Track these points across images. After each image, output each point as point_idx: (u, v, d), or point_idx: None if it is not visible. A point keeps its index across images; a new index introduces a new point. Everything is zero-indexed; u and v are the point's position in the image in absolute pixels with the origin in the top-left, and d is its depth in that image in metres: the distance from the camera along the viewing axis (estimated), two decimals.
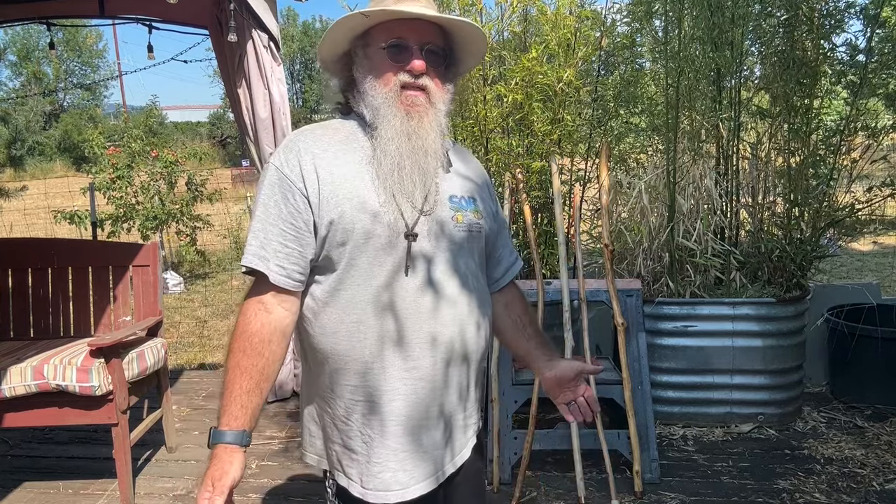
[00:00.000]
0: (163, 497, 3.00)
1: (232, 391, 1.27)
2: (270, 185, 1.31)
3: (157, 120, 27.27)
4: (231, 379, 1.27)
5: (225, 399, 1.27)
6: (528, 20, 3.89)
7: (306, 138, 1.33)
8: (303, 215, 1.29)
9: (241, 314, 1.31)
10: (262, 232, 1.30)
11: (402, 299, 1.29)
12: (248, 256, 1.30)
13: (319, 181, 1.28)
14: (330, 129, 1.36)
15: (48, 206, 9.32)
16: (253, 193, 3.83)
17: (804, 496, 2.82)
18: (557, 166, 3.28)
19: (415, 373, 1.30)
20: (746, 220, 3.93)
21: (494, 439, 2.96)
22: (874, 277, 6.51)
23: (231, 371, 1.28)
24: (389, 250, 1.29)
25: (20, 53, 33.91)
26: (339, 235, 1.27)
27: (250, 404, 1.27)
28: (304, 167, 1.29)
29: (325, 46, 1.38)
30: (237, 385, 1.27)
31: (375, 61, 1.33)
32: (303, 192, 1.28)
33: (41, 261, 3.48)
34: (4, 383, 2.77)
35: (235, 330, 1.30)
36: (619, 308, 2.96)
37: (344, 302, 1.30)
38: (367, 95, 1.33)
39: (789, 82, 3.60)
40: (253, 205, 1.36)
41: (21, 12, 3.96)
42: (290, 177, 1.29)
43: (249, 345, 1.28)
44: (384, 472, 1.31)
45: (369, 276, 1.28)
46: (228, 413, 1.26)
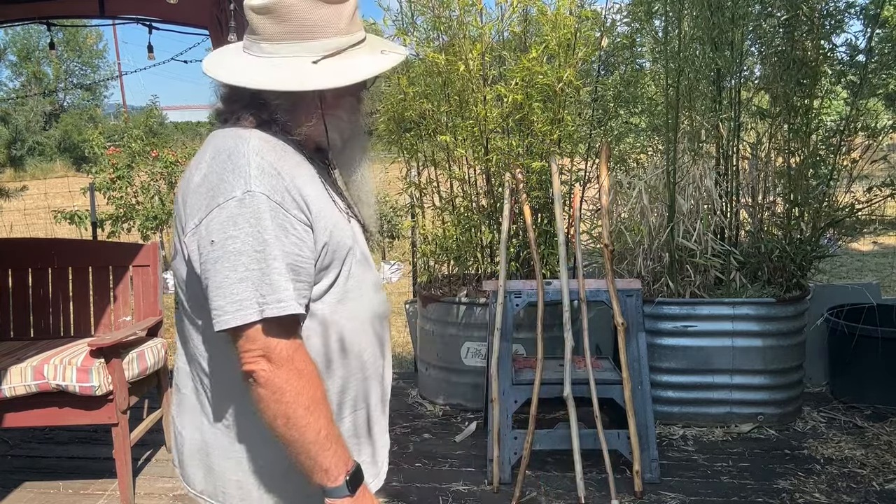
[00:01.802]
0: (163, 497, 3.00)
1: (334, 427, 1.16)
2: (270, 217, 1.13)
3: (157, 120, 27.26)
4: (319, 423, 1.14)
5: (328, 442, 1.14)
6: (528, 20, 3.89)
7: (273, 158, 1.19)
8: (307, 243, 1.17)
9: (290, 371, 1.12)
10: (286, 271, 1.13)
11: (380, 302, 1.36)
12: (287, 302, 1.12)
13: (307, 203, 1.18)
14: (274, 145, 1.22)
15: (48, 206, 9.32)
16: None
17: (804, 496, 2.82)
18: (557, 166, 3.28)
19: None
20: (746, 220, 3.93)
21: (494, 439, 2.96)
22: (874, 277, 6.51)
23: (316, 413, 1.14)
24: (364, 260, 1.33)
25: (20, 53, 33.90)
26: (328, 257, 1.21)
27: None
28: (291, 191, 1.16)
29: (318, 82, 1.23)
30: (332, 418, 1.17)
31: (357, 87, 1.31)
32: (300, 218, 1.16)
33: (41, 261, 3.48)
34: (4, 383, 2.77)
35: (293, 392, 1.12)
36: (619, 308, 2.96)
37: (347, 315, 1.28)
38: (345, 131, 1.32)
39: (789, 82, 3.60)
40: (229, 245, 1.12)
41: (21, 12, 3.95)
42: (284, 204, 1.14)
43: (319, 382, 1.17)
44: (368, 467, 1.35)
45: (360, 285, 1.29)
46: (343, 448, 1.17)
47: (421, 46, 3.81)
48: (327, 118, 1.28)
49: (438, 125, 3.81)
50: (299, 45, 1.22)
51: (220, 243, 1.12)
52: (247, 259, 1.11)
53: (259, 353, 1.11)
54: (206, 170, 1.19)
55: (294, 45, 1.22)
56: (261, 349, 1.11)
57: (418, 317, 4.02)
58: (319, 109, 1.26)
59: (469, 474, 3.10)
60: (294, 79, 1.20)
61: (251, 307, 1.10)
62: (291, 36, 1.22)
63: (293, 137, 1.27)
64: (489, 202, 3.88)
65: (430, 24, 3.78)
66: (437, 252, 3.99)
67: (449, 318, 3.78)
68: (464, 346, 3.74)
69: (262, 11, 1.21)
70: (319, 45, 1.22)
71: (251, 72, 1.24)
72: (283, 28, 1.21)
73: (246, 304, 1.10)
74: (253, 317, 1.10)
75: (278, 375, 1.11)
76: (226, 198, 1.13)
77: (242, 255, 1.11)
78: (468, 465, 3.20)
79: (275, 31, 1.22)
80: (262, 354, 1.11)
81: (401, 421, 3.70)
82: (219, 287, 1.12)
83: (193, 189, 1.19)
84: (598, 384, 2.95)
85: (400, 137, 4.01)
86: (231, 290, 1.11)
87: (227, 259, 1.12)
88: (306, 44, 1.22)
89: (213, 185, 1.16)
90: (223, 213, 1.13)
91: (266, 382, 1.11)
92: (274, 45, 1.23)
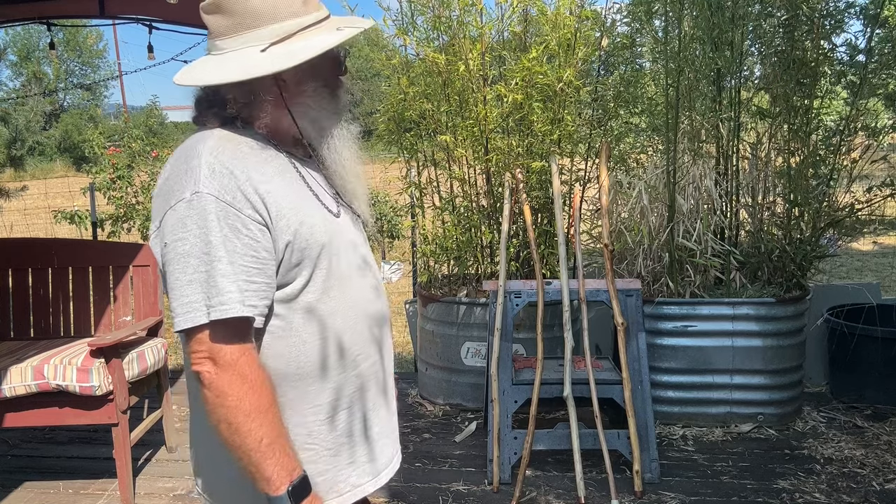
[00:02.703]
0: (163, 497, 3.00)
1: (279, 436, 1.14)
2: (216, 219, 1.11)
3: (157, 120, 27.27)
4: (261, 431, 1.11)
5: (270, 451, 1.12)
6: (528, 20, 3.89)
7: (228, 157, 1.16)
8: (262, 243, 1.14)
9: (232, 375, 1.11)
10: (230, 273, 1.11)
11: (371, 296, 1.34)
12: (230, 305, 1.10)
13: (265, 202, 1.15)
14: (233, 142, 1.21)
15: (48, 206, 9.32)
16: None
17: (804, 496, 2.82)
18: (557, 166, 3.28)
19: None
20: (746, 220, 3.93)
21: (494, 439, 2.96)
22: (874, 277, 6.51)
23: (258, 420, 1.11)
24: (353, 255, 1.30)
25: (20, 53, 33.90)
26: (295, 255, 1.19)
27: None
28: (244, 191, 1.14)
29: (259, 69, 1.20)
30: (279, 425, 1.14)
31: (326, 73, 1.28)
32: (254, 218, 1.14)
33: (41, 261, 3.48)
34: (5, 383, 2.77)
35: (235, 396, 1.11)
36: (619, 308, 2.97)
37: (329, 313, 1.25)
38: (319, 108, 1.28)
39: (789, 82, 3.60)
40: (179, 247, 1.12)
41: (21, 12, 3.95)
42: (235, 204, 1.12)
43: (266, 389, 1.14)
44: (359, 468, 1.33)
45: (343, 283, 1.26)
46: (289, 457, 1.14)
47: (421, 46, 3.81)
48: (292, 107, 1.25)
49: (438, 125, 3.81)
50: (248, 36, 1.20)
51: (172, 245, 1.13)
52: (195, 261, 1.11)
53: (205, 355, 1.12)
54: (167, 173, 1.20)
55: (243, 36, 1.20)
56: (207, 351, 1.11)
57: (418, 317, 4.02)
58: (281, 99, 1.24)
59: (469, 474, 3.10)
60: (239, 69, 1.19)
61: (199, 310, 1.10)
62: (240, 28, 1.20)
63: (258, 131, 1.25)
64: (489, 202, 3.88)
65: (431, 24, 3.78)
66: (437, 252, 3.99)
67: (449, 318, 3.78)
68: (464, 346, 3.74)
69: (212, 10, 1.22)
70: (268, 31, 1.20)
71: (201, 71, 1.23)
72: (231, 22, 1.20)
73: (195, 306, 1.10)
74: (200, 319, 1.10)
75: (221, 378, 1.11)
76: (177, 199, 1.13)
77: (191, 256, 1.11)
78: (468, 465, 3.20)
79: (224, 26, 1.21)
80: (208, 356, 1.11)
81: (401, 421, 3.67)
82: (171, 289, 1.13)
83: (155, 193, 1.21)
84: (598, 384, 2.95)
85: (400, 137, 4.01)
86: (181, 292, 1.11)
87: (177, 261, 1.12)
88: (254, 33, 1.20)
89: (169, 188, 1.17)
90: (175, 216, 1.13)
91: (210, 384, 1.12)
92: (225, 40, 1.22)
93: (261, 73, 1.18)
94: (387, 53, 4.13)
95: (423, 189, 4.13)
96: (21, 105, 31.55)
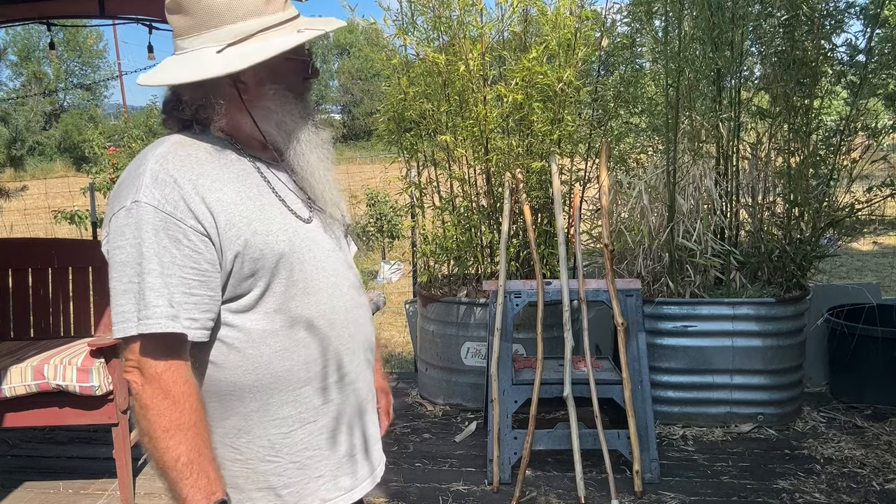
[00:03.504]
0: (163, 497, 2.99)
1: (199, 456, 1.10)
2: (152, 230, 1.08)
3: (157, 120, 27.24)
4: (179, 449, 1.08)
5: (188, 470, 1.09)
6: (528, 20, 3.89)
7: (174, 164, 1.12)
8: (204, 255, 1.11)
9: (155, 389, 1.09)
10: (160, 287, 1.08)
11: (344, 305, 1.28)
12: (155, 320, 1.07)
13: (212, 212, 1.11)
14: (187, 147, 1.17)
15: (48, 206, 9.32)
16: None
17: (804, 496, 2.82)
18: (557, 166, 3.28)
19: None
20: (746, 220, 3.93)
21: (494, 439, 2.96)
22: (874, 277, 6.52)
23: (176, 438, 1.08)
24: (321, 262, 1.24)
25: (20, 53, 33.93)
26: (247, 266, 1.15)
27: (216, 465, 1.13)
28: (188, 200, 1.10)
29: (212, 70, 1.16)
30: (200, 445, 1.10)
31: (287, 76, 1.23)
32: (197, 229, 1.10)
33: (41, 261, 3.48)
34: (5, 383, 2.77)
35: (155, 411, 1.08)
36: (619, 308, 2.97)
37: (289, 323, 1.21)
38: (282, 112, 1.23)
39: (789, 82, 3.60)
40: (116, 255, 1.11)
41: (21, 12, 3.95)
42: (176, 214, 1.09)
43: (189, 406, 1.10)
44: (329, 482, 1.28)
45: (307, 291, 1.21)
46: (208, 479, 1.10)
47: (421, 46, 3.81)
48: (253, 110, 1.21)
49: (438, 125, 3.81)
50: (206, 36, 1.17)
51: (111, 253, 1.12)
52: (130, 271, 1.09)
53: (134, 365, 1.11)
54: (120, 178, 1.18)
55: (202, 36, 1.17)
56: (136, 362, 1.11)
57: (418, 317, 4.02)
58: (240, 101, 1.20)
59: (469, 474, 3.10)
60: (192, 70, 1.15)
61: (131, 321, 1.09)
62: (199, 27, 1.18)
63: (217, 135, 1.22)
64: (489, 202, 3.88)
65: (431, 24, 3.78)
66: (437, 252, 3.99)
67: (449, 318, 3.78)
68: (464, 346, 3.74)
69: (174, 9, 1.19)
70: (226, 32, 1.16)
71: (162, 71, 1.21)
72: (191, 21, 1.18)
73: (127, 316, 1.09)
74: (131, 330, 1.09)
75: (146, 391, 1.09)
76: (119, 206, 1.12)
77: (126, 266, 1.10)
78: (468, 465, 3.20)
79: (185, 26, 1.19)
80: (136, 366, 1.11)
81: (401, 421, 3.70)
82: (111, 296, 1.12)
83: (109, 199, 1.20)
84: (598, 384, 2.95)
85: (400, 137, 4.01)
86: (116, 300, 1.11)
87: (114, 269, 1.11)
88: (213, 33, 1.17)
89: (116, 194, 1.16)
90: (115, 223, 1.12)
91: (136, 395, 1.11)
92: (185, 40, 1.19)
93: (212, 75, 1.14)
94: (387, 53, 4.13)
95: (423, 189, 4.13)
96: (21, 105, 31.57)
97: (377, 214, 8.82)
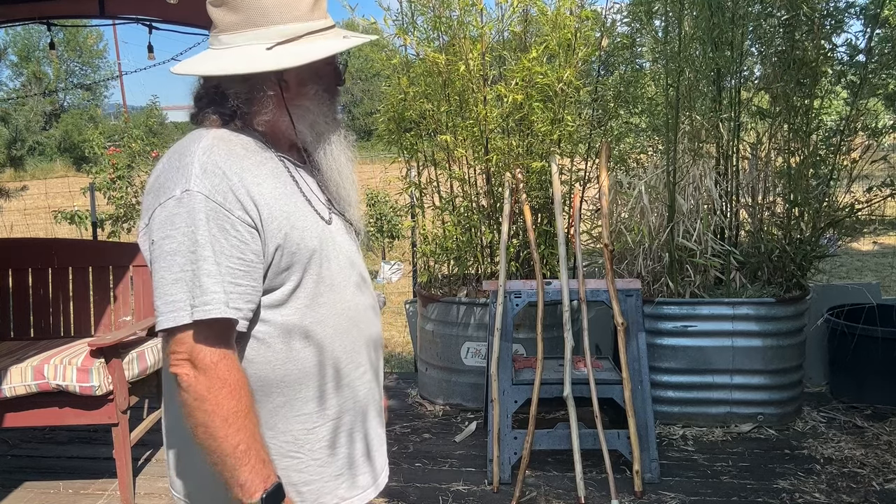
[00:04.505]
0: (163, 497, 3.00)
1: (255, 442, 1.12)
2: (205, 217, 1.10)
3: (157, 120, 27.25)
4: (238, 437, 1.10)
5: (246, 457, 1.10)
6: (528, 20, 3.89)
7: (221, 157, 1.15)
8: (251, 246, 1.13)
9: (212, 379, 1.09)
10: (215, 273, 1.09)
11: (362, 305, 1.32)
12: (214, 305, 1.08)
13: (257, 205, 1.14)
14: (227, 142, 1.20)
15: (48, 206, 9.32)
16: None
17: (804, 496, 2.82)
18: (557, 166, 3.28)
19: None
20: (746, 220, 3.93)
21: (494, 439, 2.96)
22: (874, 277, 6.51)
23: (235, 425, 1.10)
24: (345, 262, 1.28)
25: (20, 53, 33.91)
26: (285, 259, 1.17)
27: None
28: (236, 192, 1.13)
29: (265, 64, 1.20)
30: (255, 432, 1.13)
31: (328, 79, 1.28)
32: (244, 220, 1.12)
33: (41, 261, 3.48)
34: (5, 383, 2.77)
35: (213, 401, 1.09)
36: (619, 308, 2.97)
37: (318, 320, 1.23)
38: (318, 113, 1.27)
39: (789, 82, 3.60)
40: (166, 245, 1.11)
41: (21, 12, 3.95)
42: (225, 205, 1.11)
43: (245, 394, 1.12)
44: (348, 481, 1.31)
45: (333, 289, 1.24)
46: (264, 464, 1.12)
47: (421, 46, 3.81)
48: (292, 108, 1.25)
49: (438, 125, 3.81)
50: (255, 33, 1.20)
51: (159, 243, 1.12)
52: (181, 259, 1.09)
53: (184, 357, 1.10)
54: (159, 170, 1.19)
55: (249, 33, 1.20)
56: (187, 353, 1.10)
57: (418, 317, 4.02)
58: (281, 99, 1.23)
59: (469, 474, 3.10)
60: (245, 63, 1.18)
61: (184, 309, 1.09)
62: (247, 24, 1.20)
63: (258, 131, 1.25)
64: (489, 202, 3.88)
65: (431, 23, 3.78)
66: (437, 252, 3.99)
67: (449, 318, 3.78)
68: (464, 346, 3.74)
69: (218, 3, 1.21)
70: (275, 31, 1.19)
71: (203, 63, 1.23)
72: (238, 17, 1.20)
73: (178, 305, 1.09)
74: (184, 319, 1.08)
75: (200, 382, 1.09)
76: (167, 197, 1.12)
77: (177, 255, 1.10)
78: (468, 465, 3.20)
79: (230, 21, 1.21)
80: (188, 358, 1.10)
81: (401, 421, 3.70)
82: (157, 287, 1.12)
83: (147, 189, 1.20)
84: (598, 384, 2.95)
85: (400, 137, 4.01)
86: (166, 290, 1.10)
87: (163, 259, 1.11)
88: (261, 31, 1.19)
89: (161, 185, 1.16)
90: (164, 213, 1.12)
91: (188, 387, 1.10)
92: (231, 35, 1.21)
93: (266, 69, 1.17)
94: (387, 53, 4.13)
95: (423, 189, 4.13)
96: (21, 105, 31.56)
97: (377, 214, 8.82)
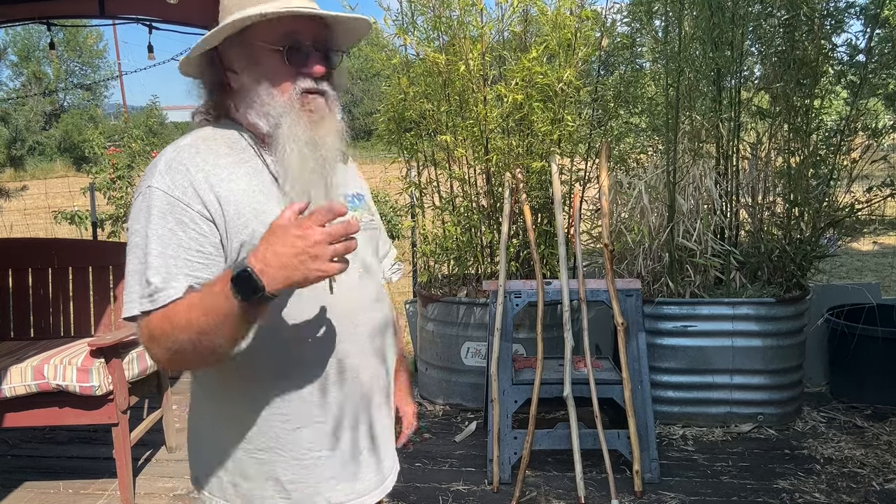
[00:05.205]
0: (163, 497, 3.00)
1: (197, 298, 1.09)
2: (160, 213, 1.12)
3: (157, 120, 27.24)
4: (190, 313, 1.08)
5: (207, 293, 1.07)
6: (528, 20, 3.89)
7: (189, 154, 1.17)
8: (209, 238, 1.14)
9: (158, 326, 1.11)
10: (163, 267, 1.11)
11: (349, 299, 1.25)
12: (154, 296, 1.10)
13: (220, 200, 1.14)
14: (208, 141, 1.20)
15: (48, 206, 9.32)
16: None
17: (804, 496, 2.82)
18: (557, 166, 3.28)
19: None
20: (746, 220, 3.93)
21: (494, 439, 2.96)
22: (874, 277, 6.51)
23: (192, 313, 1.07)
24: None
25: (20, 53, 33.89)
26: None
27: None
28: (197, 187, 1.14)
29: (197, 49, 1.21)
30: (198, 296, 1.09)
31: (268, 65, 1.19)
32: (203, 214, 1.14)
33: (41, 261, 3.48)
34: (5, 383, 2.77)
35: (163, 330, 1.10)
36: (619, 308, 2.97)
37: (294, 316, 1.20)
38: (263, 104, 1.20)
39: (789, 82, 3.60)
40: (131, 239, 1.15)
41: (21, 12, 3.96)
42: (184, 199, 1.13)
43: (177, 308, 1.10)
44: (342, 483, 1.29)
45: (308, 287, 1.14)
46: (218, 279, 1.07)
47: (421, 46, 3.81)
48: (237, 98, 1.23)
49: (438, 125, 3.81)
50: (219, 27, 1.22)
51: (129, 237, 1.17)
52: (139, 252, 1.13)
53: (146, 337, 1.14)
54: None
55: (217, 27, 1.22)
56: (146, 335, 1.14)
57: (418, 317, 4.02)
58: (230, 89, 1.23)
59: (469, 474, 3.10)
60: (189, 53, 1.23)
61: (137, 301, 1.12)
62: (218, 20, 1.24)
63: (241, 125, 1.24)
64: (489, 202, 3.88)
65: (431, 23, 3.78)
66: (437, 252, 3.99)
67: (449, 318, 3.78)
68: (464, 346, 3.74)
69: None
70: (230, 21, 1.19)
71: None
72: (219, 16, 1.25)
73: (133, 296, 1.13)
74: (134, 310, 1.13)
75: (161, 344, 1.11)
76: (137, 193, 1.18)
77: (137, 248, 1.14)
78: (468, 465, 3.20)
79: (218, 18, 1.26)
80: (148, 337, 1.14)
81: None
82: (124, 278, 1.16)
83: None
84: (598, 384, 2.95)
85: (400, 137, 4.01)
86: (127, 281, 1.15)
87: (129, 252, 1.16)
88: (223, 24, 1.21)
89: (139, 182, 1.21)
90: (133, 209, 1.18)
91: (158, 358, 1.15)
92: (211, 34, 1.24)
93: (197, 53, 1.21)
94: (387, 53, 4.13)
95: (423, 189, 4.13)
96: (21, 105, 31.55)
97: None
